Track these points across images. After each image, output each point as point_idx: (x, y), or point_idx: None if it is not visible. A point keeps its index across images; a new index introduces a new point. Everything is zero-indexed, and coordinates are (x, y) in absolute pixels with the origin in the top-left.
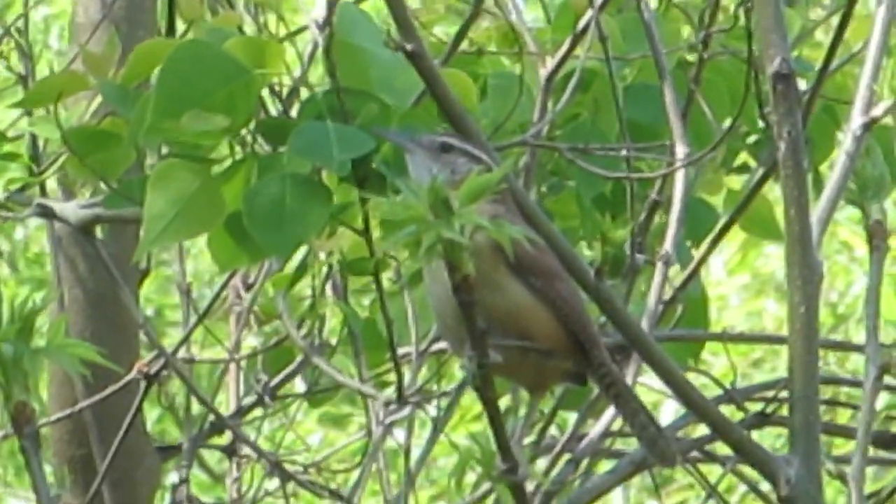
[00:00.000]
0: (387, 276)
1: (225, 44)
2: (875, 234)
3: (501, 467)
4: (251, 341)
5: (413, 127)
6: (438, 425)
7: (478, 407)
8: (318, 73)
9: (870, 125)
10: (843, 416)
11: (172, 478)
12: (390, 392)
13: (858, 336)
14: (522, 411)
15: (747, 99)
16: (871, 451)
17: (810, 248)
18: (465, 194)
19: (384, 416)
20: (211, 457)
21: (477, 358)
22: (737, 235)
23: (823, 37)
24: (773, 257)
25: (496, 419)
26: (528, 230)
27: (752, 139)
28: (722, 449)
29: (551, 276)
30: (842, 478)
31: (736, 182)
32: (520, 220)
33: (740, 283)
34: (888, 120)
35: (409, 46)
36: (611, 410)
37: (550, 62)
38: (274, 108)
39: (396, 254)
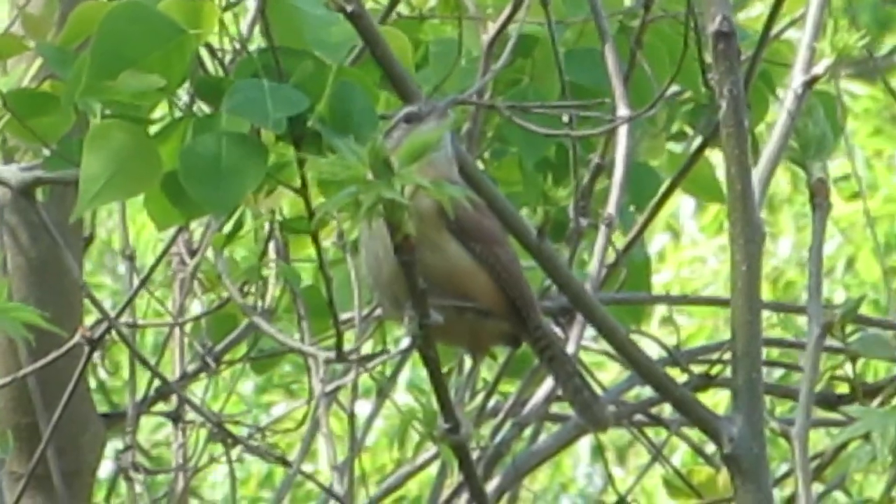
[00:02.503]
0: (329, 241)
1: (160, 4)
2: (817, 193)
3: (443, 427)
4: (196, 308)
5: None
6: (384, 389)
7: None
8: (254, 33)
9: (811, 83)
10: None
11: (119, 443)
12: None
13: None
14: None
15: (685, 59)
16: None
17: (752, 206)
18: (405, 154)
19: (326, 376)
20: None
21: (418, 318)
22: None
23: (762, 7)
24: None
25: (438, 379)
26: (469, 192)
27: (688, 107)
28: (666, 412)
29: (491, 240)
30: (786, 436)
31: (676, 148)
32: (462, 182)
33: (718, 245)
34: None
35: (349, 7)
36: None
37: (492, 27)
38: (213, 69)
39: (336, 214)
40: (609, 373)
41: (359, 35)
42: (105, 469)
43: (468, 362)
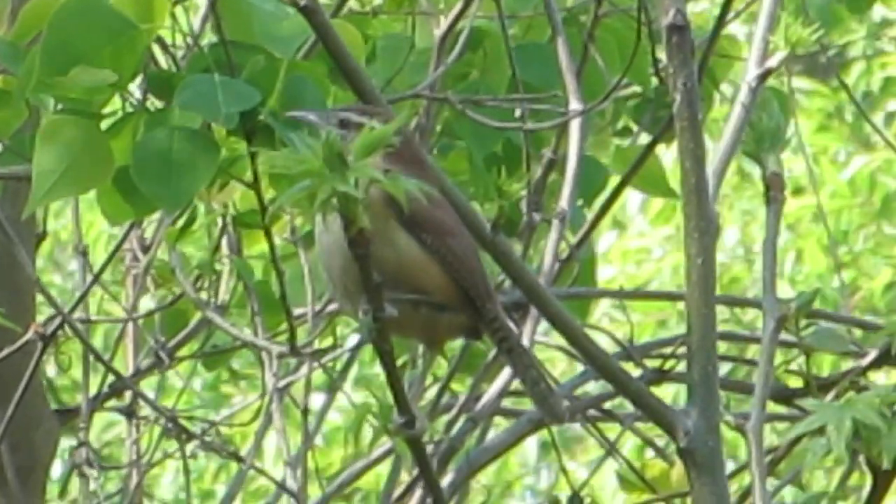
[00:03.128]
0: (282, 236)
1: None
2: (772, 186)
3: (399, 421)
4: (148, 304)
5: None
6: (335, 383)
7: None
8: (206, 28)
9: (765, 76)
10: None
11: (71, 440)
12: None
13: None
14: (419, 366)
15: (637, 53)
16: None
17: (706, 199)
18: (360, 148)
19: (279, 370)
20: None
21: (372, 311)
22: None
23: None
24: None
25: (393, 373)
26: (423, 184)
27: (632, 103)
28: (621, 407)
29: (443, 231)
30: (741, 430)
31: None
32: (416, 175)
33: (663, 235)
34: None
35: (302, 2)
36: (508, 370)
37: (444, 22)
38: (167, 65)
39: (289, 208)
40: (559, 367)
41: (312, 30)
42: (56, 468)
43: (422, 357)
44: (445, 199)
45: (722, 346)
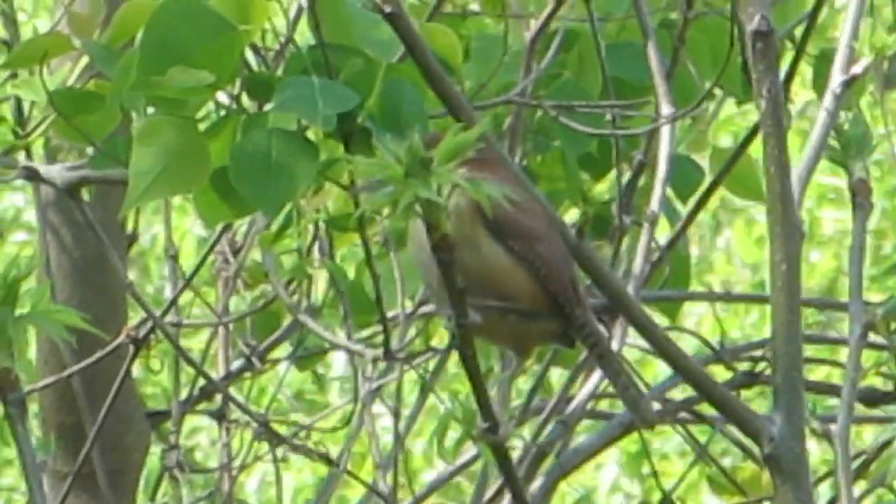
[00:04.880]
0: (373, 240)
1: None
2: (858, 192)
3: (482, 427)
4: (238, 305)
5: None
6: (427, 387)
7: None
8: (301, 30)
9: (850, 83)
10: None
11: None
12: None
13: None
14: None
15: (731, 57)
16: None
17: (791, 205)
18: (442, 153)
19: (372, 374)
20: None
21: (456, 317)
22: None
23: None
24: None
25: (476, 378)
26: (507, 189)
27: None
28: (711, 410)
29: (531, 237)
30: (827, 436)
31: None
32: (500, 180)
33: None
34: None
35: (387, 8)
36: (597, 373)
37: (534, 24)
38: (257, 66)
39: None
40: (652, 370)
41: (397, 36)
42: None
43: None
44: (534, 204)
45: (810, 349)
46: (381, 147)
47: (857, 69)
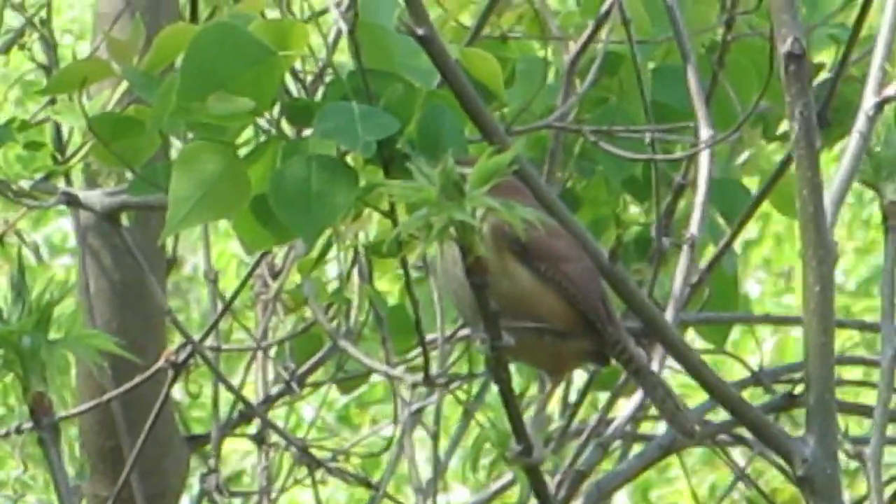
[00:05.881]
0: (411, 264)
1: (250, 26)
2: (890, 215)
3: (516, 449)
4: (278, 330)
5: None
6: (469, 410)
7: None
8: (340, 56)
9: (882, 105)
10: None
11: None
12: (418, 376)
13: None
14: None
15: (771, 79)
16: None
17: (824, 228)
18: (477, 177)
19: (412, 400)
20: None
21: (490, 340)
22: None
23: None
24: None
25: (510, 401)
26: (538, 212)
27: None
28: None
29: (559, 258)
30: (860, 458)
31: (768, 162)
32: (533, 204)
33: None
34: None
35: (420, 31)
36: (637, 395)
37: (574, 47)
38: (296, 91)
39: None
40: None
41: (430, 59)
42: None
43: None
44: (559, 226)
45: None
46: (415, 170)
47: (890, 91)
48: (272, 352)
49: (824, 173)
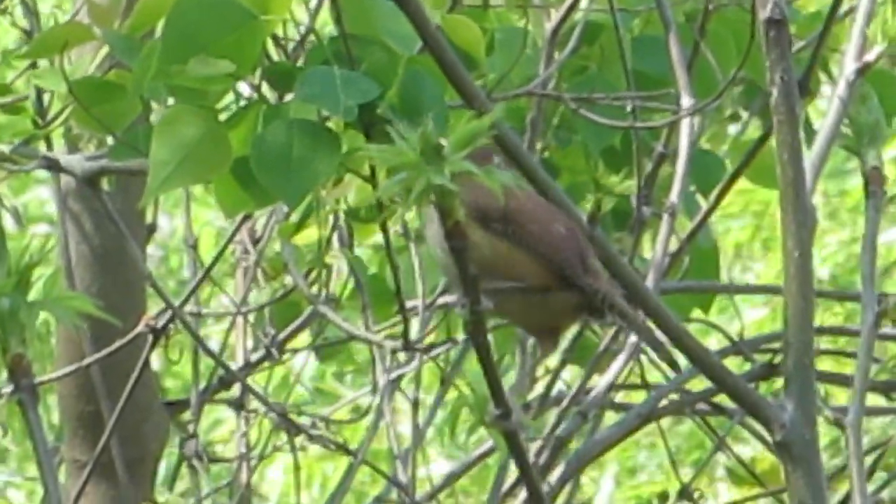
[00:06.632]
0: (393, 230)
1: None
2: (871, 181)
3: (494, 413)
4: (258, 297)
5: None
6: (446, 378)
7: None
8: (321, 21)
9: (863, 70)
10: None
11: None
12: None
13: None
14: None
15: (752, 46)
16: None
17: (804, 193)
18: (455, 141)
19: (391, 365)
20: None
21: (469, 304)
22: None
23: None
24: None
25: (489, 365)
26: (515, 176)
27: (739, 89)
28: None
29: (524, 220)
30: (839, 424)
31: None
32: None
33: None
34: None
35: None
36: (616, 364)
37: (556, 15)
38: (278, 57)
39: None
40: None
41: (408, 20)
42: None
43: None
44: (526, 191)
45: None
46: (395, 134)
47: (870, 57)
48: (251, 318)
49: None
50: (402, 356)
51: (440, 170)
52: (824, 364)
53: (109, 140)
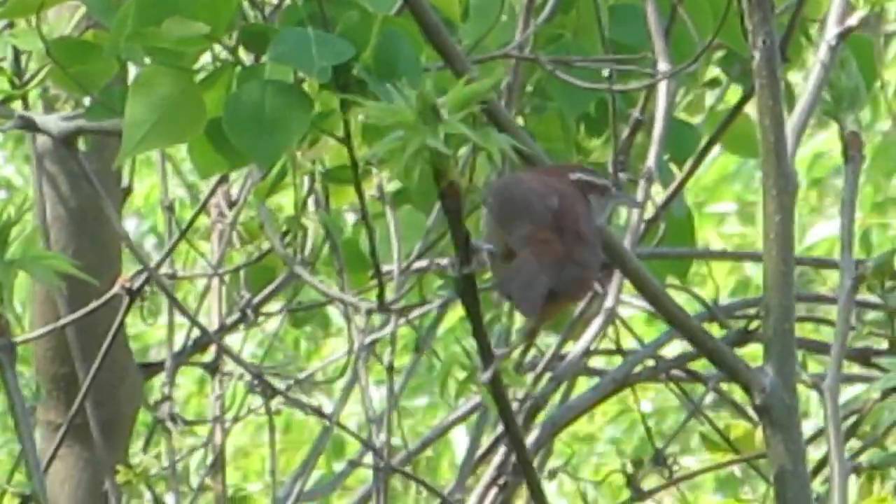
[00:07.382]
0: (369, 194)
1: None
2: (851, 145)
3: (487, 374)
4: (234, 259)
5: None
6: (421, 342)
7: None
8: None
9: (844, 35)
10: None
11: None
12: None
13: None
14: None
15: (728, 14)
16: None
17: (785, 157)
18: (452, 103)
19: (367, 326)
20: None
21: (459, 264)
22: None
23: None
24: None
25: (478, 326)
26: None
27: (720, 54)
28: (705, 368)
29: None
30: (817, 388)
31: (711, 98)
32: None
33: None
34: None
35: None
36: (591, 330)
37: None
38: (253, 18)
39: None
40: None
41: None
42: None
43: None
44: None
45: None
46: (390, 93)
47: (852, 21)
48: (227, 280)
49: None
50: (376, 319)
51: (436, 131)
52: (802, 332)
53: (86, 100)
